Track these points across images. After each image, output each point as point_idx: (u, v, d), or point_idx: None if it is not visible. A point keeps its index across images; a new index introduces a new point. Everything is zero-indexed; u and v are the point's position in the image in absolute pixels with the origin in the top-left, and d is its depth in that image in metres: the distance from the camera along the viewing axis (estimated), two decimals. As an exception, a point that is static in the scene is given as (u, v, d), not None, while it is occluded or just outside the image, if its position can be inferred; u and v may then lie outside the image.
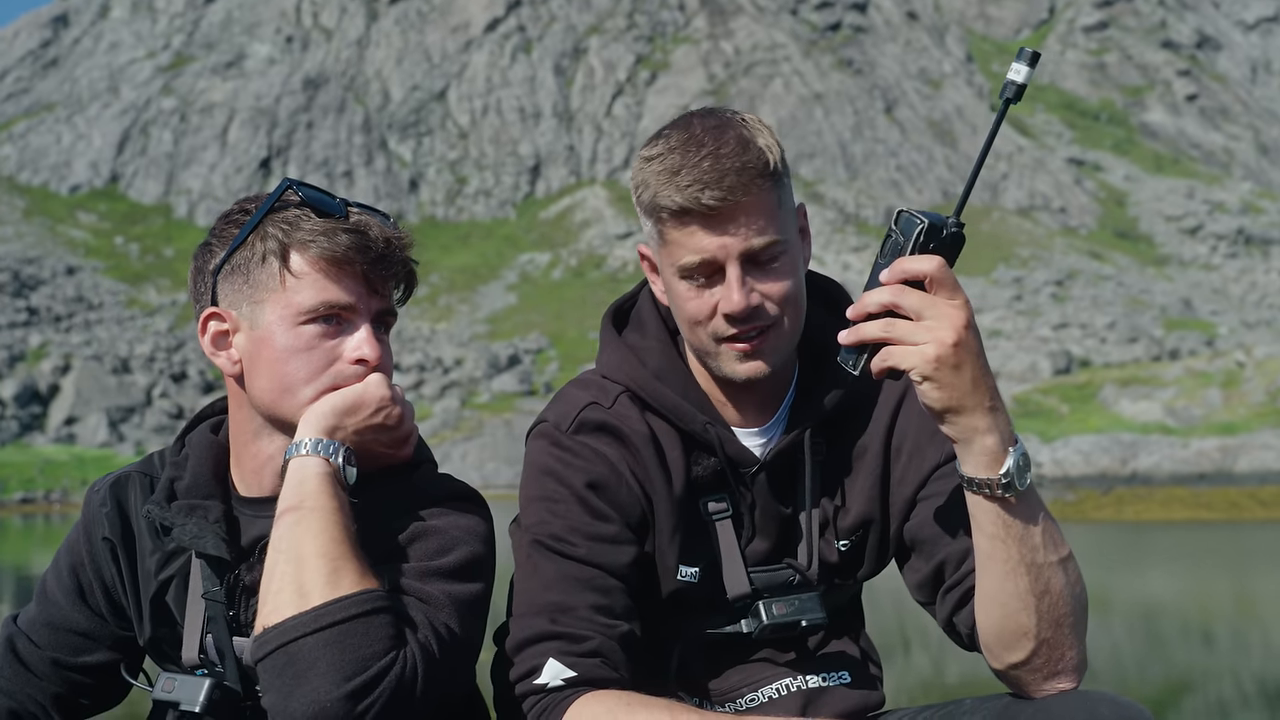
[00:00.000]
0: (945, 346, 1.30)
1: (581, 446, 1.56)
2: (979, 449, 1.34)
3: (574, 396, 1.62)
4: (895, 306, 1.32)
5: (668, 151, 1.48)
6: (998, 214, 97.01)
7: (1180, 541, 15.58)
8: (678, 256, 1.50)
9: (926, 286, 1.32)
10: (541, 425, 1.61)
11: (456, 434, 52.11)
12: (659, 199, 1.48)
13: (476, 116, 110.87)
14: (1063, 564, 1.40)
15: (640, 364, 1.61)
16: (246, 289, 1.49)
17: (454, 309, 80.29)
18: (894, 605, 7.53)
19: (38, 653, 1.64)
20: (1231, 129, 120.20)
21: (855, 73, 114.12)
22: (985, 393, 1.33)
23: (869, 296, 1.35)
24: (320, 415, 1.46)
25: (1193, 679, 5.83)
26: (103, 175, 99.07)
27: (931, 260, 1.32)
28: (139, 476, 1.64)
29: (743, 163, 1.45)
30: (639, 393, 1.59)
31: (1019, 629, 1.40)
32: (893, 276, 1.33)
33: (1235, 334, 66.77)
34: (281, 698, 1.30)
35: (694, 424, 1.57)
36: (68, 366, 59.05)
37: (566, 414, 1.59)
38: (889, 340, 1.33)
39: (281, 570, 1.36)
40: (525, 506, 1.57)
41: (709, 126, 1.49)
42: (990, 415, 1.34)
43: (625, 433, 1.57)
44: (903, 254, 1.33)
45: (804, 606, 1.59)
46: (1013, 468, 1.34)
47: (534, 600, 1.50)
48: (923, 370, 1.31)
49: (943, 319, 1.31)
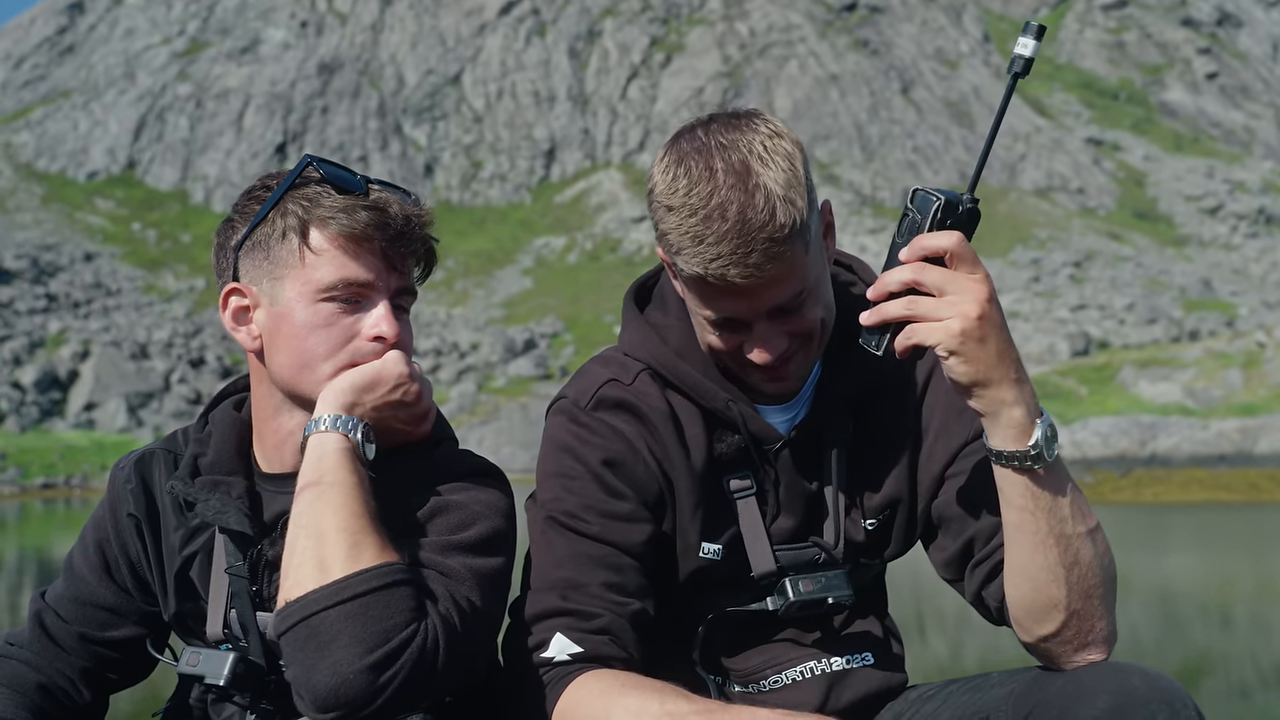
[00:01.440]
0: (970, 320, 1.30)
1: (599, 423, 1.55)
2: (1006, 421, 1.35)
3: (594, 373, 1.61)
4: (917, 284, 1.32)
5: (689, 211, 1.40)
6: (1015, 195, 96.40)
7: (1199, 523, 15.52)
8: (700, 307, 1.49)
9: (947, 262, 1.32)
10: (561, 401, 1.60)
11: (473, 418, 52.26)
12: (680, 261, 1.43)
13: (491, 100, 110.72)
14: (1091, 535, 1.40)
15: (662, 341, 1.60)
16: (267, 265, 1.50)
17: (470, 293, 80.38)
18: (911, 586, 7.53)
19: (65, 628, 1.66)
20: (1252, 107, 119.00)
21: (871, 53, 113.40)
22: (1010, 365, 1.33)
23: (889, 275, 1.34)
24: (339, 392, 1.46)
25: (1212, 660, 5.81)
26: (119, 161, 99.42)
27: (950, 235, 1.32)
28: (163, 453, 1.66)
29: (770, 233, 1.38)
30: (660, 370, 1.58)
31: (1049, 601, 1.41)
32: (912, 254, 1.33)
33: (1256, 314, 66.26)
34: (304, 670, 1.31)
35: (716, 401, 1.56)
36: (87, 352, 59.42)
37: (586, 390, 1.58)
38: (912, 318, 1.33)
39: (302, 545, 1.37)
40: (541, 482, 1.57)
41: (732, 172, 1.39)
42: (1016, 387, 1.34)
43: (644, 410, 1.56)
44: (920, 231, 1.34)
45: (831, 584, 1.58)
46: (1041, 439, 1.34)
47: (546, 576, 1.50)
48: (948, 345, 1.31)
49: (965, 293, 1.31)
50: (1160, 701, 1.31)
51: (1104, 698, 1.33)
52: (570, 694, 1.43)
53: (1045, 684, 1.43)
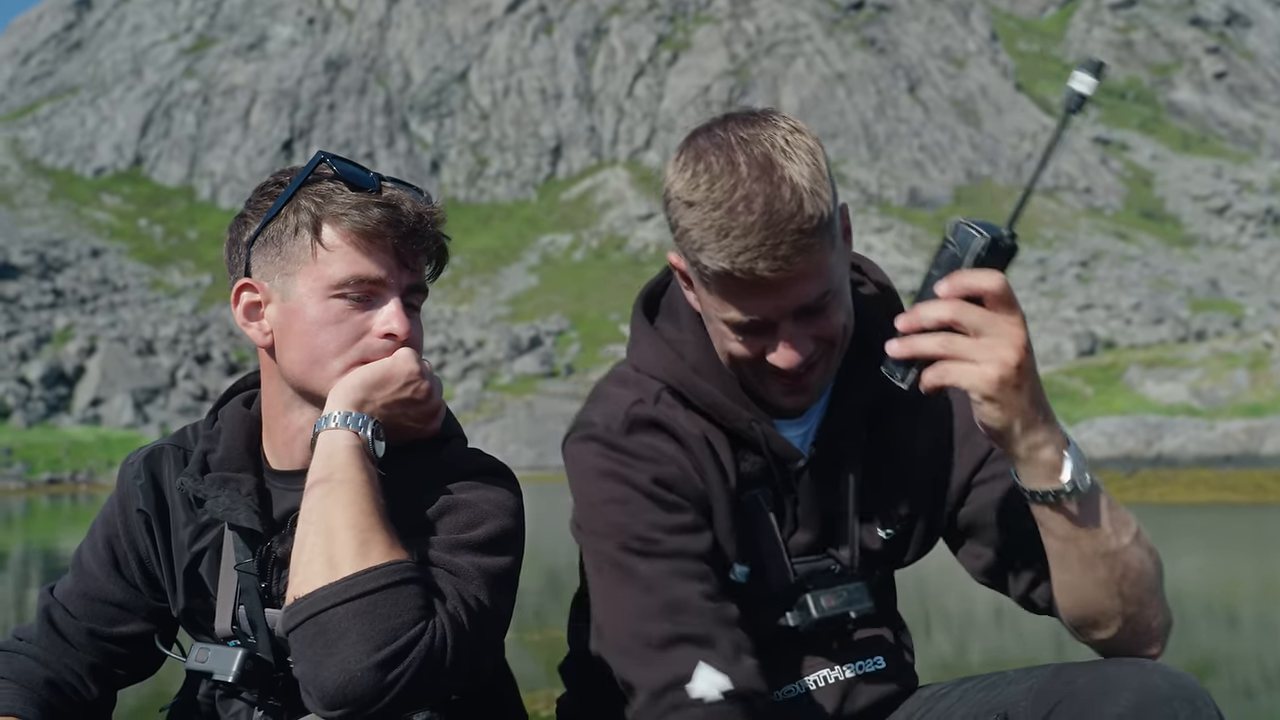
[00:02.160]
0: (1008, 367, 1.27)
1: (638, 445, 1.50)
2: (1037, 464, 1.33)
3: (616, 396, 1.56)
4: (955, 323, 1.28)
5: (712, 204, 1.35)
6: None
7: (1205, 523, 15.49)
8: (722, 310, 1.43)
9: (985, 303, 1.28)
10: (588, 429, 1.53)
11: (478, 415, 52.30)
12: (703, 258, 1.38)
13: (498, 98, 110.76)
14: (1135, 541, 1.40)
15: (678, 358, 1.55)
16: (279, 261, 1.50)
17: (475, 291, 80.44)
18: (915, 584, 7.51)
19: (74, 623, 1.66)
20: (1260, 107, 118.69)
21: (878, 52, 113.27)
22: (1041, 408, 1.31)
23: (925, 310, 1.29)
24: (349, 389, 1.47)
25: (1218, 660, 5.80)
26: (126, 158, 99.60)
27: (995, 277, 1.27)
28: (172, 449, 1.66)
29: (798, 224, 1.33)
30: (679, 389, 1.54)
31: (1104, 612, 1.41)
32: (953, 291, 1.28)
33: (1263, 315, 66.14)
34: (312, 667, 1.31)
35: (738, 421, 1.52)
36: (93, 348, 59.56)
37: (614, 414, 1.52)
38: (948, 356, 1.29)
39: (311, 542, 1.37)
40: (590, 512, 1.50)
41: (755, 164, 1.35)
42: (1045, 429, 1.32)
43: (677, 429, 1.52)
44: (960, 267, 1.29)
45: (852, 597, 1.56)
46: (1073, 472, 1.33)
47: (641, 604, 1.44)
48: (984, 391, 1.28)
49: (1004, 338, 1.27)
50: (1182, 699, 1.32)
51: (1127, 695, 1.33)
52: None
53: (1067, 680, 1.42)
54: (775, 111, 1.43)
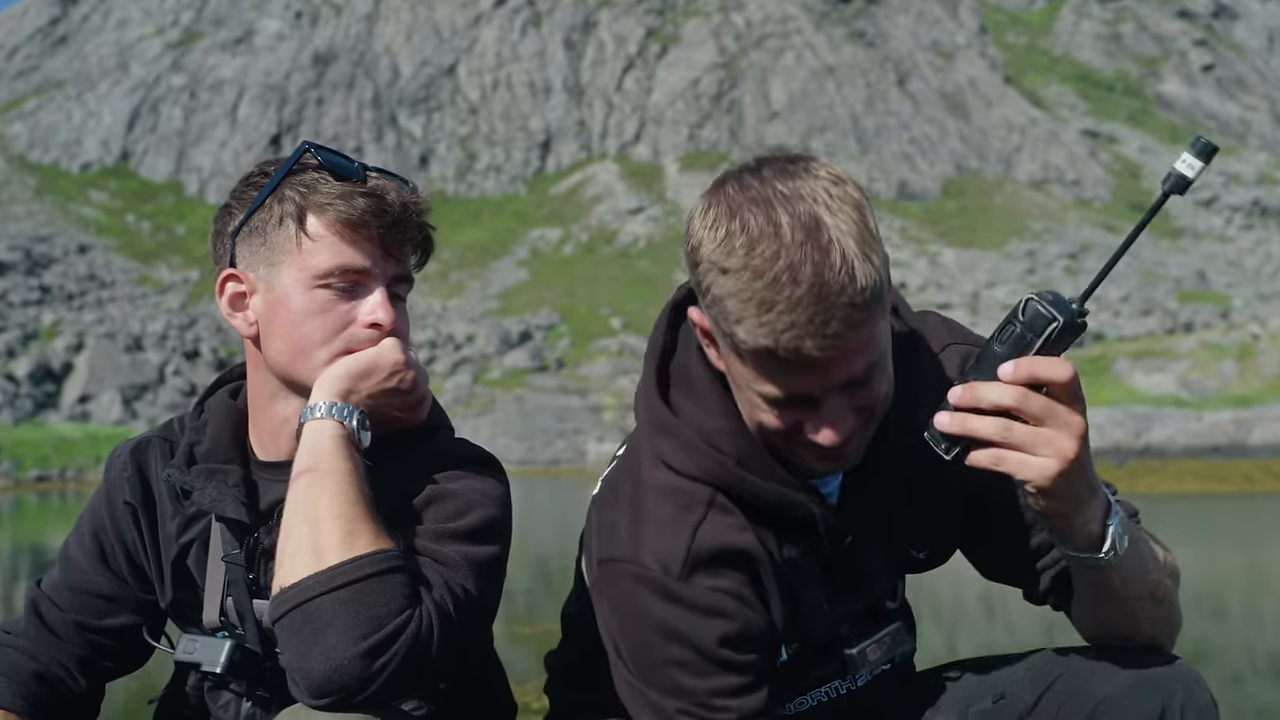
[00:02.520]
0: (1067, 461, 1.21)
1: (701, 594, 1.36)
2: (1081, 536, 1.30)
3: (666, 520, 1.39)
4: (1017, 410, 1.20)
5: (753, 274, 1.20)
6: (1010, 187, 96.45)
7: (1193, 514, 15.56)
8: (757, 384, 1.29)
9: (1049, 390, 1.21)
10: (640, 570, 1.37)
11: (468, 410, 52.24)
12: (740, 330, 1.23)
13: (487, 92, 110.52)
14: (1162, 569, 1.40)
15: (720, 455, 1.39)
16: (264, 251, 1.50)
17: (465, 285, 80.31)
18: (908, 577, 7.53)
19: (61, 616, 1.66)
20: (1248, 99, 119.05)
21: (867, 45, 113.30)
22: (1092, 487, 1.27)
23: (986, 392, 1.21)
24: (334, 379, 1.47)
25: (1207, 649, 5.84)
26: (113, 153, 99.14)
27: (1066, 368, 1.20)
28: (159, 441, 1.66)
29: (849, 297, 1.19)
30: (730, 490, 1.40)
31: (1130, 633, 1.41)
32: (1018, 377, 1.20)
33: (1250, 306, 66.40)
34: (299, 656, 1.31)
35: (798, 511, 1.40)
36: (81, 345, 59.32)
37: (671, 554, 1.36)
38: (1005, 444, 1.22)
39: (297, 531, 1.37)
40: (649, 669, 1.39)
41: (800, 227, 1.20)
42: (1093, 503, 1.28)
43: (737, 552, 1.39)
44: (1028, 350, 1.21)
45: (895, 643, 1.54)
46: (1116, 540, 1.29)
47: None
48: (1041, 485, 1.22)
49: (1065, 429, 1.21)
50: (1177, 680, 1.34)
51: (1123, 675, 1.34)
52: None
53: (1064, 662, 1.43)
54: (813, 158, 1.28)
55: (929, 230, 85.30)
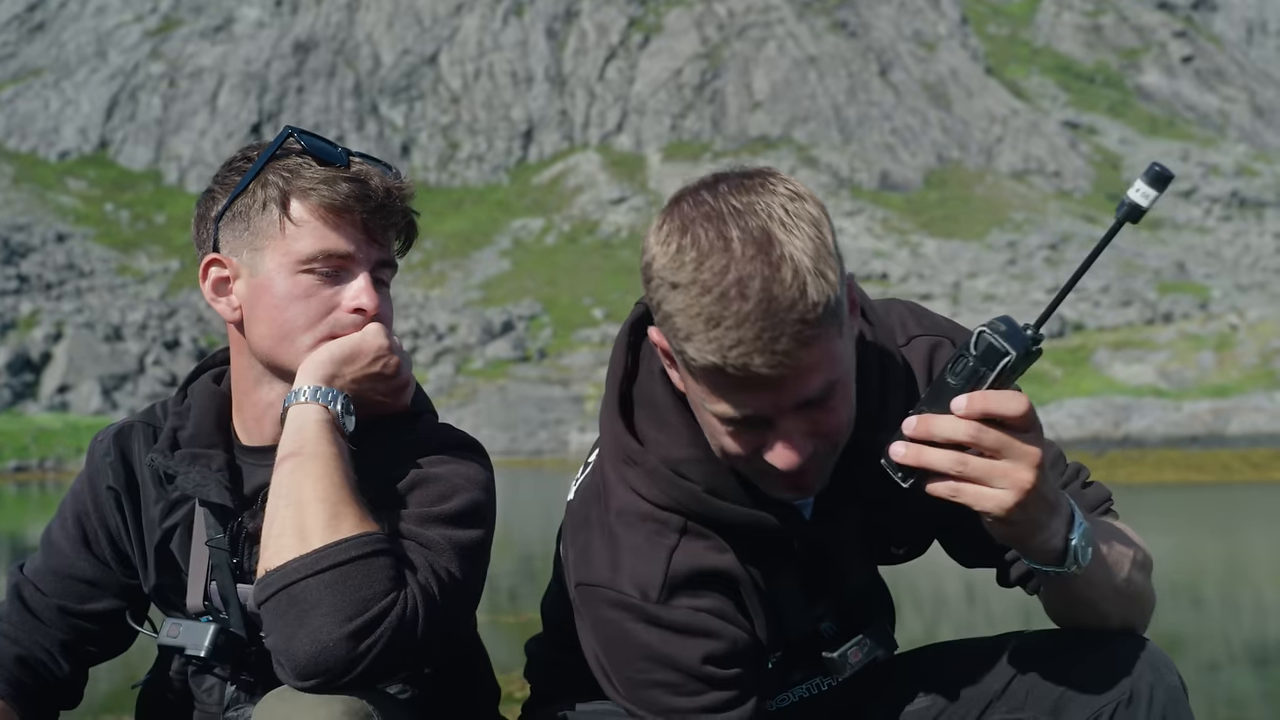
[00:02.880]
0: (1023, 492, 1.20)
1: (682, 616, 1.36)
2: (1043, 553, 1.29)
3: (640, 547, 1.38)
4: (972, 444, 1.20)
5: (701, 289, 1.16)
6: (991, 178, 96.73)
7: (1172, 503, 15.68)
8: (711, 403, 1.25)
9: (1005, 423, 1.20)
10: (620, 596, 1.37)
11: (451, 400, 52.12)
12: (689, 348, 1.19)
13: (468, 81, 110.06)
14: (1134, 564, 1.40)
15: (688, 484, 1.38)
16: (247, 236, 1.50)
17: (447, 275, 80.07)
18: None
19: (44, 600, 1.65)
20: (1227, 91, 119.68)
21: (849, 35, 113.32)
22: (1051, 509, 1.26)
23: (939, 426, 1.20)
24: (318, 363, 1.47)
25: (1184, 637, 5.89)
26: (91, 141, 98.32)
27: (1020, 401, 1.19)
28: (142, 426, 1.65)
29: (800, 313, 1.16)
30: (699, 517, 1.39)
31: (1099, 625, 1.42)
32: (972, 412, 1.19)
33: (1228, 297, 66.84)
34: (284, 639, 1.32)
35: (770, 532, 1.41)
36: (60, 334, 58.88)
37: (648, 580, 1.36)
38: (961, 477, 1.21)
39: (282, 515, 1.37)
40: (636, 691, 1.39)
41: (751, 241, 1.16)
42: (1053, 524, 1.27)
43: (714, 572, 1.39)
44: (981, 384, 1.19)
45: (876, 644, 1.54)
46: (1078, 552, 1.29)
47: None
48: (999, 515, 1.22)
49: (1021, 460, 1.20)
50: (1146, 665, 1.36)
51: (1091, 660, 1.37)
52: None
53: (1034, 646, 1.45)
54: (773, 173, 1.24)
55: (910, 221, 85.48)
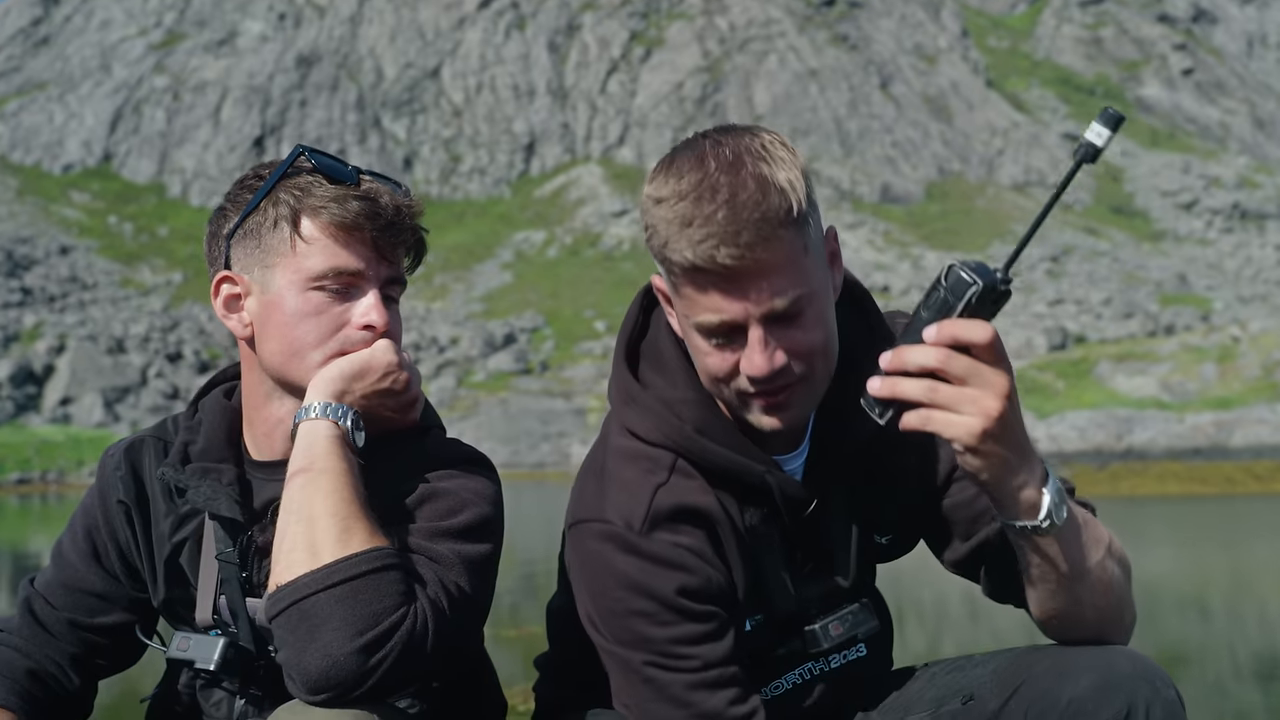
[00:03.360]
0: (990, 419, 1.26)
1: (661, 547, 1.44)
2: (1016, 502, 1.33)
3: (629, 481, 1.48)
4: (941, 371, 1.26)
5: (678, 197, 1.34)
6: (992, 190, 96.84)
7: (1175, 516, 15.65)
8: (694, 314, 1.38)
9: (973, 353, 1.26)
10: (605, 527, 1.46)
11: (453, 413, 52.12)
12: (669, 252, 1.35)
13: (470, 94, 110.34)
14: (1108, 554, 1.42)
15: (680, 422, 1.49)
16: (258, 253, 1.52)
17: (449, 288, 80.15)
18: (890, 576, 7.56)
19: (54, 614, 1.66)
20: (1227, 103, 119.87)
21: (850, 48, 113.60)
22: (1022, 450, 1.31)
23: (910, 355, 1.27)
24: (329, 380, 1.48)
25: (1188, 651, 5.87)
26: (95, 154, 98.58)
27: (985, 330, 1.25)
28: (153, 441, 1.66)
29: (763, 213, 1.31)
30: (689, 456, 1.48)
31: (1076, 620, 1.43)
32: (941, 339, 1.26)
33: (1230, 309, 66.83)
34: (295, 653, 1.33)
35: (753, 477, 1.48)
36: (62, 347, 58.93)
37: (632, 510, 1.45)
38: (931, 404, 1.27)
39: (293, 530, 1.39)
40: (613, 621, 1.46)
41: (724, 163, 1.34)
42: (1026, 469, 1.32)
43: (697, 510, 1.47)
44: (950, 314, 1.26)
45: (858, 620, 1.57)
46: (1051, 509, 1.33)
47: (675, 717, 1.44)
48: (967, 442, 1.27)
49: (989, 388, 1.26)
50: (1141, 679, 1.34)
51: (1088, 676, 1.35)
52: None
53: (1030, 662, 1.45)
54: (761, 127, 1.41)
55: (912, 233, 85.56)
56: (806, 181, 1.38)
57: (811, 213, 1.38)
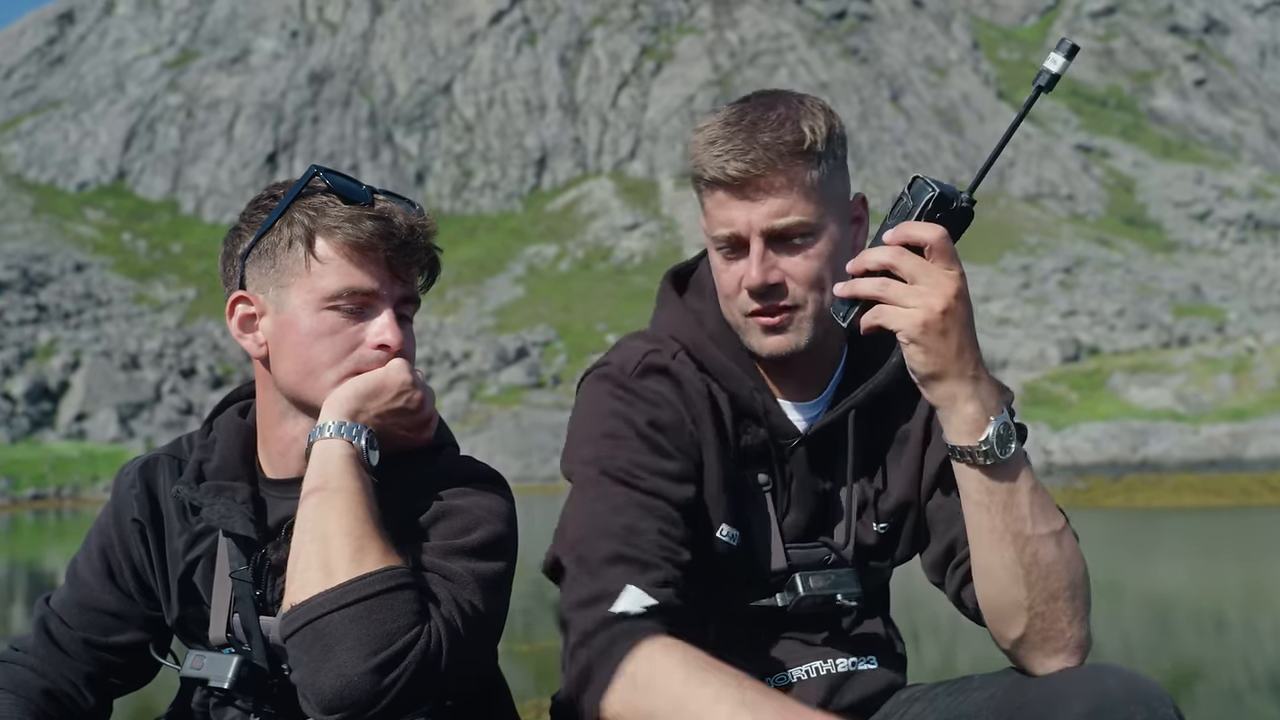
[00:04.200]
0: (933, 313, 1.33)
1: (644, 389, 1.57)
2: (959, 416, 1.38)
3: (635, 346, 1.63)
4: (892, 267, 1.36)
5: (715, 125, 1.54)
6: (1005, 201, 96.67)
7: (1191, 528, 15.56)
8: (711, 227, 1.56)
9: (926, 254, 1.35)
10: (603, 369, 1.62)
11: (465, 427, 52.17)
12: (697, 170, 1.54)
13: (482, 109, 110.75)
14: (1054, 536, 1.42)
15: (698, 324, 1.64)
16: (273, 273, 1.53)
17: (461, 302, 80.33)
18: (905, 591, 7.54)
19: (69, 633, 1.67)
20: (1240, 113, 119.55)
21: (861, 61, 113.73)
22: (969, 362, 1.37)
23: (868, 254, 1.38)
24: (343, 399, 1.49)
25: (1204, 665, 5.83)
26: (110, 172, 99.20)
27: (934, 229, 1.35)
28: (167, 459, 1.67)
29: (775, 137, 1.48)
30: (694, 352, 1.61)
31: (1013, 602, 1.43)
32: (894, 239, 1.36)
33: (1245, 320, 66.51)
34: (310, 673, 1.34)
35: (742, 389, 1.59)
36: (77, 363, 59.22)
37: (629, 359, 1.60)
38: (881, 299, 1.36)
39: (308, 549, 1.39)
40: (584, 443, 1.57)
41: (761, 102, 1.54)
42: (972, 384, 1.37)
43: (684, 381, 1.59)
44: (909, 218, 1.37)
45: (840, 581, 1.59)
46: (992, 436, 1.37)
47: (602, 523, 1.48)
48: (909, 333, 1.35)
49: (935, 286, 1.34)
50: (1137, 703, 1.31)
51: (1080, 702, 1.33)
52: (645, 657, 1.37)
53: (1023, 689, 1.44)
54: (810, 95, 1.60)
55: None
56: (832, 137, 1.53)
57: (829, 159, 1.53)
